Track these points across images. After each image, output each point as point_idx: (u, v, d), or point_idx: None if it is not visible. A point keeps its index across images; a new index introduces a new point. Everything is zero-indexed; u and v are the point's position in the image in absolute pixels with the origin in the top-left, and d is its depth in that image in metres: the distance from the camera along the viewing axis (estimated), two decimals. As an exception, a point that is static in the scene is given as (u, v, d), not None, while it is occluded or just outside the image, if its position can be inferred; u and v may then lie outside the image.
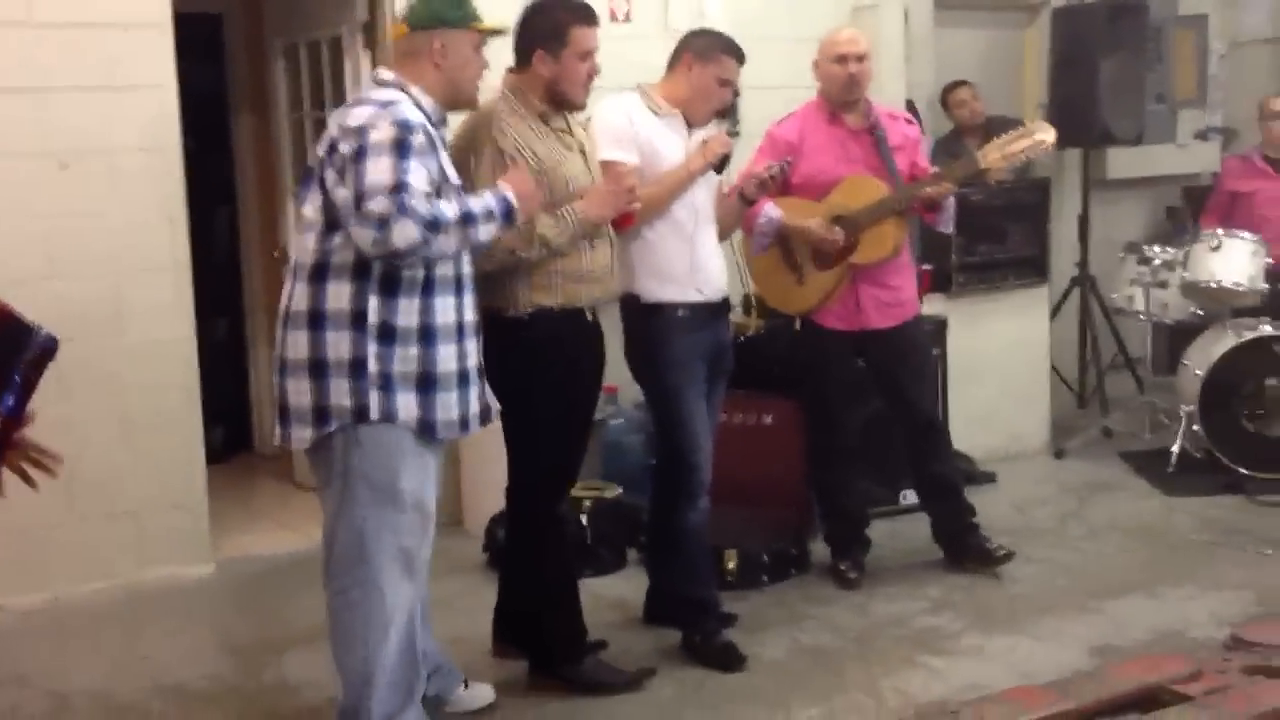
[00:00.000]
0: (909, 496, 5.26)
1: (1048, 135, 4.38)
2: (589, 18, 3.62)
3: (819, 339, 4.53)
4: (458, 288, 3.11)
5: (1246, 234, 5.81)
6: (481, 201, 3.08)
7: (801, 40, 6.17)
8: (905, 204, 4.42)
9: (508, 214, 3.13)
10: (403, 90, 3.09)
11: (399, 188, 2.87)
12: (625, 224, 3.71)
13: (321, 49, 5.60)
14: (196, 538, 4.83)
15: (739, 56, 3.98)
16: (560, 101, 3.62)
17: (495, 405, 3.31)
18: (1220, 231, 5.86)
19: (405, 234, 2.85)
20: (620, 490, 4.97)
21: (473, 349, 3.17)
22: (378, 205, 2.86)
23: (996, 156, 4.40)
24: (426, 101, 3.11)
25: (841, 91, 4.45)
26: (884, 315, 4.50)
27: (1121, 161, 7.28)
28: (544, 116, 3.59)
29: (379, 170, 2.87)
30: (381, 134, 2.91)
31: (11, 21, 4.38)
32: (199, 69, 5.64)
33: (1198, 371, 5.71)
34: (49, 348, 2.37)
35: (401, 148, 2.90)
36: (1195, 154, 7.65)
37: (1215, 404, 5.66)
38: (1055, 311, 6.56)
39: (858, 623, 4.27)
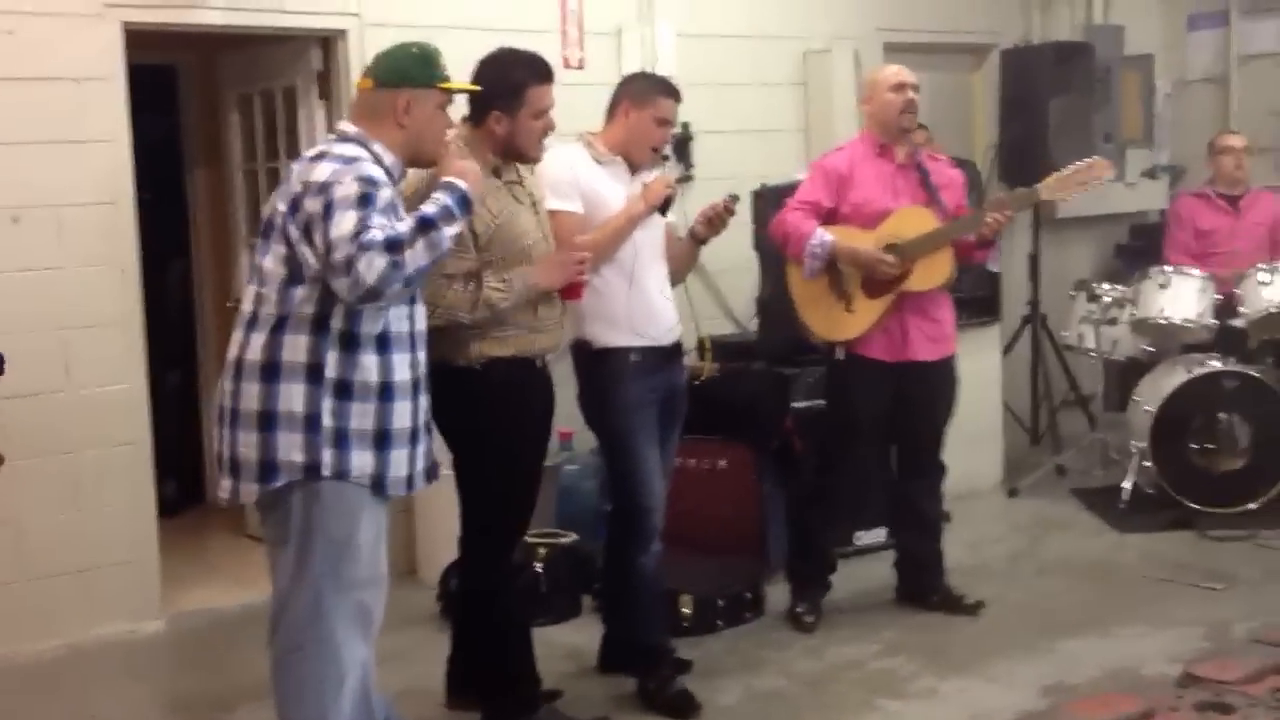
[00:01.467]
0: (862, 538, 5.29)
1: (1106, 171, 4.47)
2: (546, 75, 3.64)
3: (861, 369, 4.53)
4: (412, 343, 3.09)
5: (1195, 271, 5.89)
6: (435, 203, 3.01)
7: (754, 85, 6.29)
8: (963, 234, 4.47)
9: (464, 202, 3.06)
10: (363, 146, 3.04)
11: (359, 233, 2.86)
12: (573, 294, 3.73)
13: (276, 99, 5.61)
14: (146, 593, 4.80)
15: (675, 96, 4.02)
16: (514, 156, 3.65)
17: (439, 462, 3.29)
18: (1168, 268, 5.94)
19: (373, 267, 2.83)
20: (575, 537, 4.96)
21: (424, 405, 3.14)
22: (341, 253, 2.85)
23: (1055, 188, 4.48)
24: (388, 158, 3.06)
25: (899, 118, 4.51)
26: (929, 348, 4.54)
27: (1070, 201, 7.35)
28: (496, 170, 3.61)
29: (344, 223, 2.86)
30: (346, 189, 2.89)
31: (-37, 76, 4.38)
32: (152, 120, 5.64)
33: (1148, 407, 5.78)
34: None
35: (365, 201, 2.88)
36: (1143, 192, 7.75)
37: (1166, 439, 5.71)
38: (1007, 350, 6.63)
39: (813, 667, 4.27)
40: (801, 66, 6.50)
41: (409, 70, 3.11)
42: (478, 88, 3.44)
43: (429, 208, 3.00)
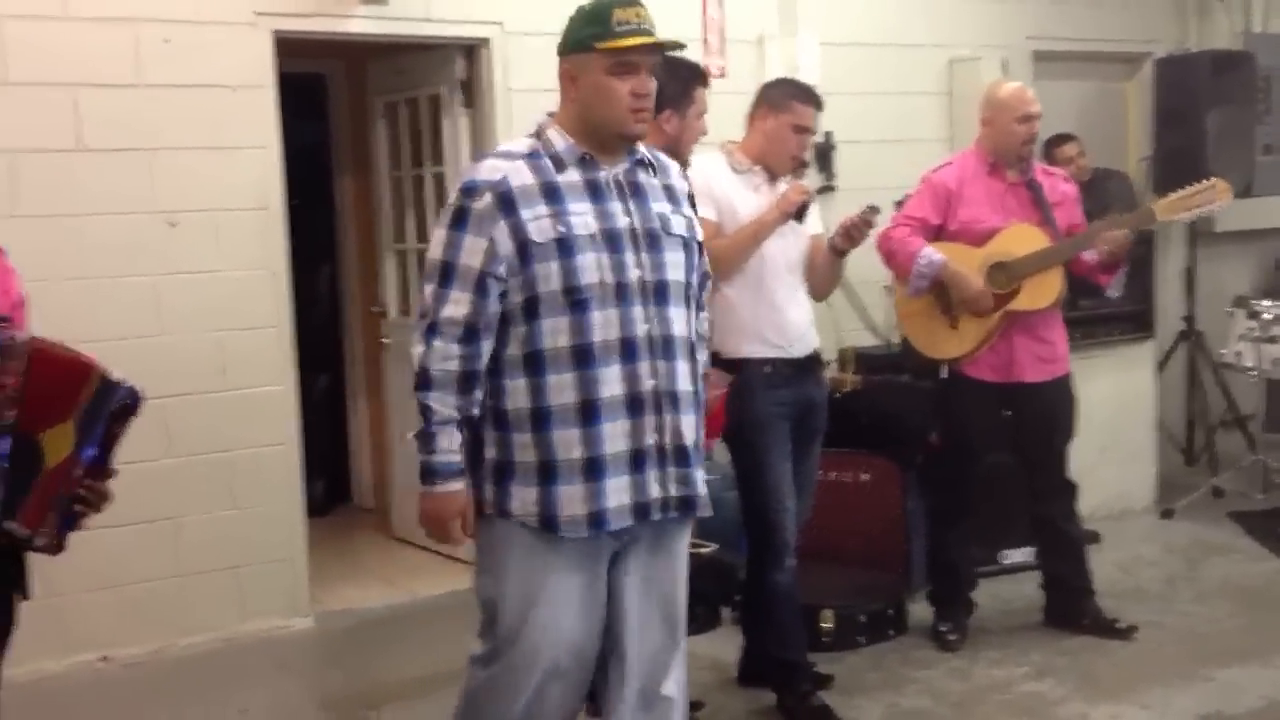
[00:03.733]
0: (1009, 557, 5.16)
1: (1225, 195, 4.28)
2: (707, 79, 3.79)
3: (967, 389, 4.44)
4: (584, 360, 2.60)
5: (1361, 287, 5.65)
6: (440, 439, 2.62)
7: (896, 94, 6.20)
8: (1075, 253, 4.36)
9: (427, 470, 2.65)
10: (539, 133, 2.69)
11: (422, 316, 2.64)
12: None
13: (421, 107, 5.69)
14: (296, 591, 4.89)
15: (815, 103, 3.95)
16: (675, 157, 3.66)
17: (695, 492, 2.73)
18: (1334, 285, 5.70)
19: (415, 355, 2.64)
20: (715, 547, 4.92)
21: (624, 430, 2.62)
22: (420, 310, 2.69)
23: (1172, 210, 4.32)
24: (561, 142, 2.66)
25: (1020, 148, 4.42)
26: (1038, 369, 4.43)
27: (1229, 214, 7.08)
28: None
29: (431, 251, 2.66)
30: (450, 201, 2.66)
31: (123, 84, 4.51)
32: (304, 127, 5.77)
33: (1310, 430, 5.54)
34: (131, 403, 2.44)
35: (457, 219, 2.61)
36: (1305, 206, 7.44)
37: (1328, 463, 5.47)
38: (1162, 367, 6.42)
39: (958, 688, 4.17)
40: (947, 75, 6.39)
41: (572, 32, 2.69)
42: (668, 43, 2.74)
43: (442, 434, 2.62)
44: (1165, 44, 7.07)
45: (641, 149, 2.76)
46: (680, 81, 3.67)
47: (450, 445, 2.62)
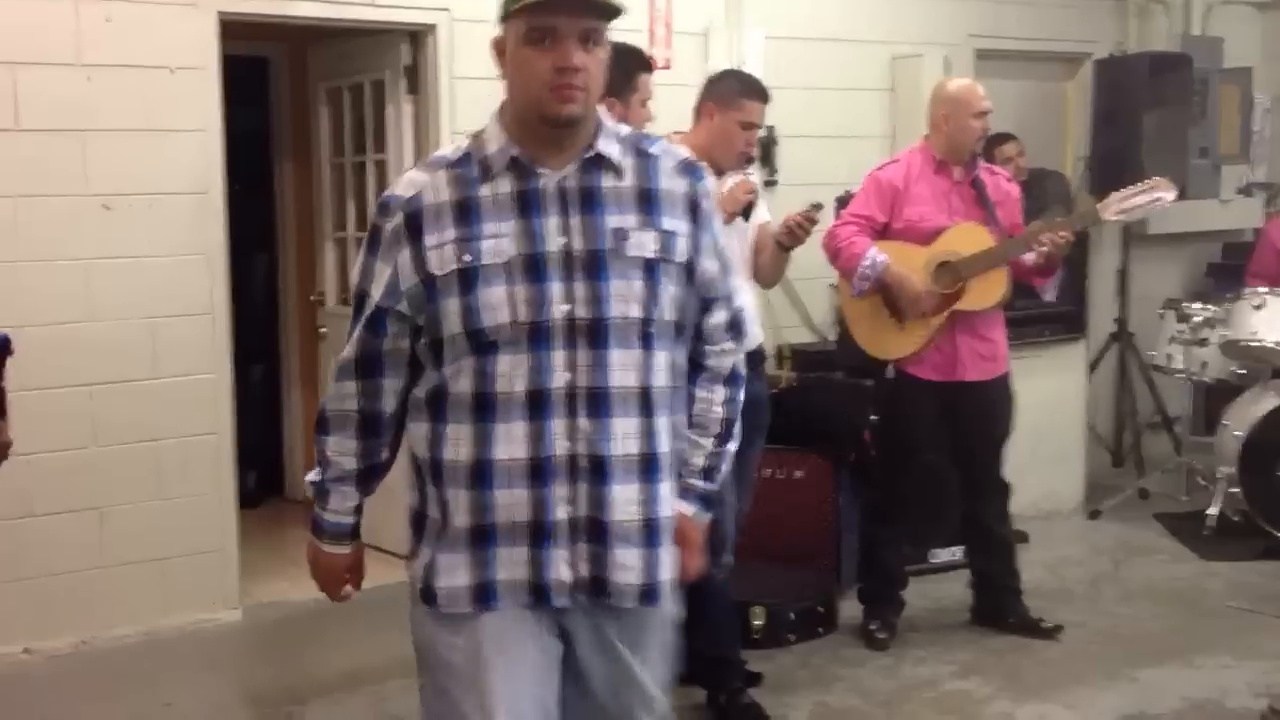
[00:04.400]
0: (938, 556, 5.22)
1: (1169, 194, 4.33)
2: (649, 64, 3.73)
3: (911, 388, 4.47)
4: (483, 412, 2.12)
5: (1292, 293, 5.74)
6: (333, 486, 2.32)
7: (839, 89, 6.22)
8: (1020, 253, 4.39)
9: (316, 525, 2.38)
10: (480, 131, 2.21)
11: (347, 334, 2.28)
12: None
13: (365, 92, 5.64)
14: (225, 583, 4.85)
15: (763, 97, 3.94)
16: None
17: (618, 578, 2.17)
18: (1264, 289, 5.79)
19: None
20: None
21: (523, 499, 2.12)
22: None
23: (1116, 209, 4.36)
24: (495, 141, 2.15)
25: (974, 144, 4.45)
26: (980, 369, 4.46)
27: (1162, 217, 7.19)
28: None
29: (352, 280, 2.31)
30: (370, 218, 2.26)
31: (59, 63, 4.43)
32: (243, 112, 5.69)
33: (1237, 432, 5.64)
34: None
35: (370, 242, 2.21)
36: (1238, 210, 7.56)
37: (1255, 466, 5.57)
38: (1092, 368, 6.51)
39: (886, 685, 4.22)
40: (889, 71, 6.42)
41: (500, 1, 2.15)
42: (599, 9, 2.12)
43: (332, 473, 2.30)
44: (1105, 44, 7.14)
45: (604, 141, 2.17)
46: (622, 67, 3.63)
47: (342, 505, 2.31)
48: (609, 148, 2.18)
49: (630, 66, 3.68)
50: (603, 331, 2.11)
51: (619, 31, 3.87)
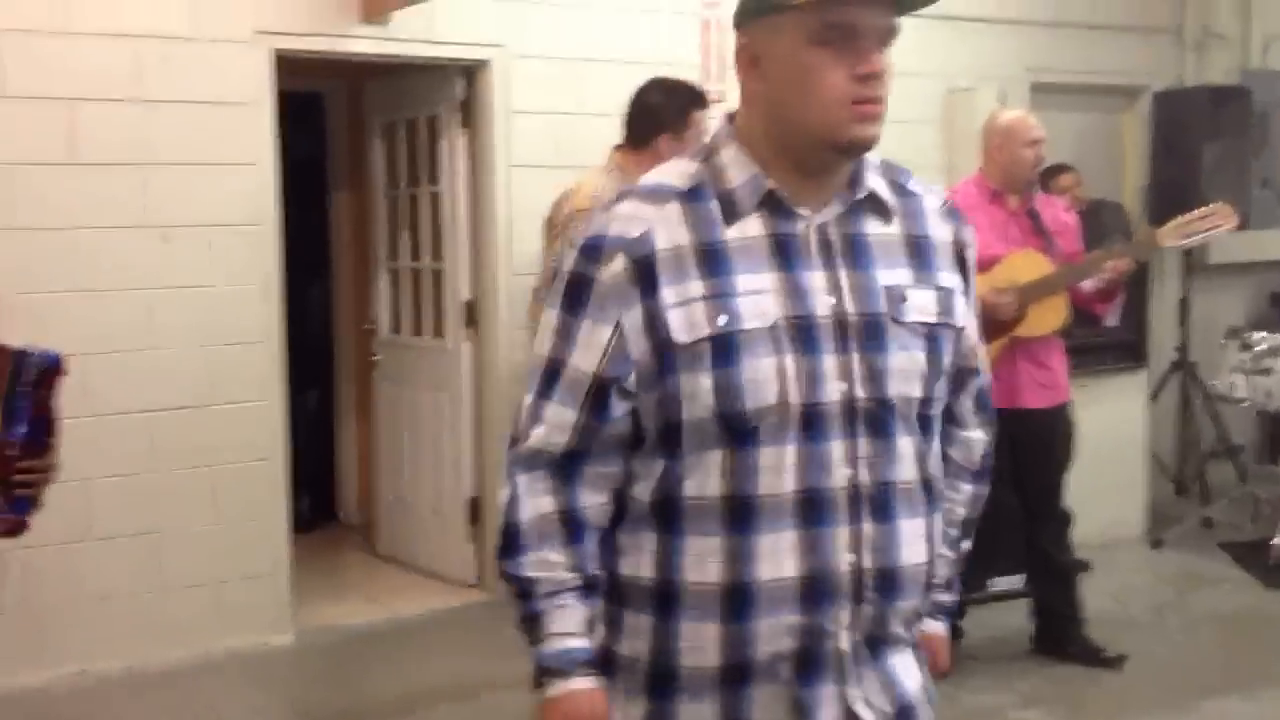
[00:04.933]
0: (997, 584, 5.12)
1: (1229, 220, 4.28)
2: (706, 102, 3.77)
3: None
4: (742, 519, 1.62)
5: (1355, 321, 5.65)
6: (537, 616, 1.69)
7: (893, 122, 6.09)
8: (1079, 279, 4.35)
9: (540, 668, 1.69)
10: (711, 152, 1.70)
11: (529, 415, 1.71)
12: None
13: (420, 127, 5.71)
14: (278, 607, 4.86)
15: None
16: None
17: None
18: (1328, 318, 5.70)
19: (501, 501, 1.73)
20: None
21: (790, 628, 1.64)
22: (511, 430, 1.75)
23: (1174, 236, 4.31)
24: (740, 170, 1.66)
25: (1029, 173, 4.43)
26: (1040, 396, 4.42)
27: (1224, 246, 7.10)
28: None
29: (536, 341, 1.74)
30: (564, 267, 1.71)
31: (121, 98, 4.52)
32: (301, 142, 5.77)
33: (1303, 462, 5.53)
34: (48, 366, 2.28)
35: (572, 295, 1.67)
36: (1301, 240, 7.45)
37: (1321, 495, 5.46)
38: (1154, 396, 6.41)
39: (946, 715, 4.10)
40: (944, 104, 6.39)
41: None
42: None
43: (553, 608, 1.68)
44: (1163, 78, 7.08)
45: (873, 176, 1.71)
46: (677, 103, 3.67)
47: (569, 625, 1.67)
48: (878, 184, 1.71)
49: (685, 103, 3.71)
50: (886, 415, 1.65)
51: (671, 67, 3.95)
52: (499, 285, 5.30)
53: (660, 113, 3.65)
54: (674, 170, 1.71)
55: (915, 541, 1.68)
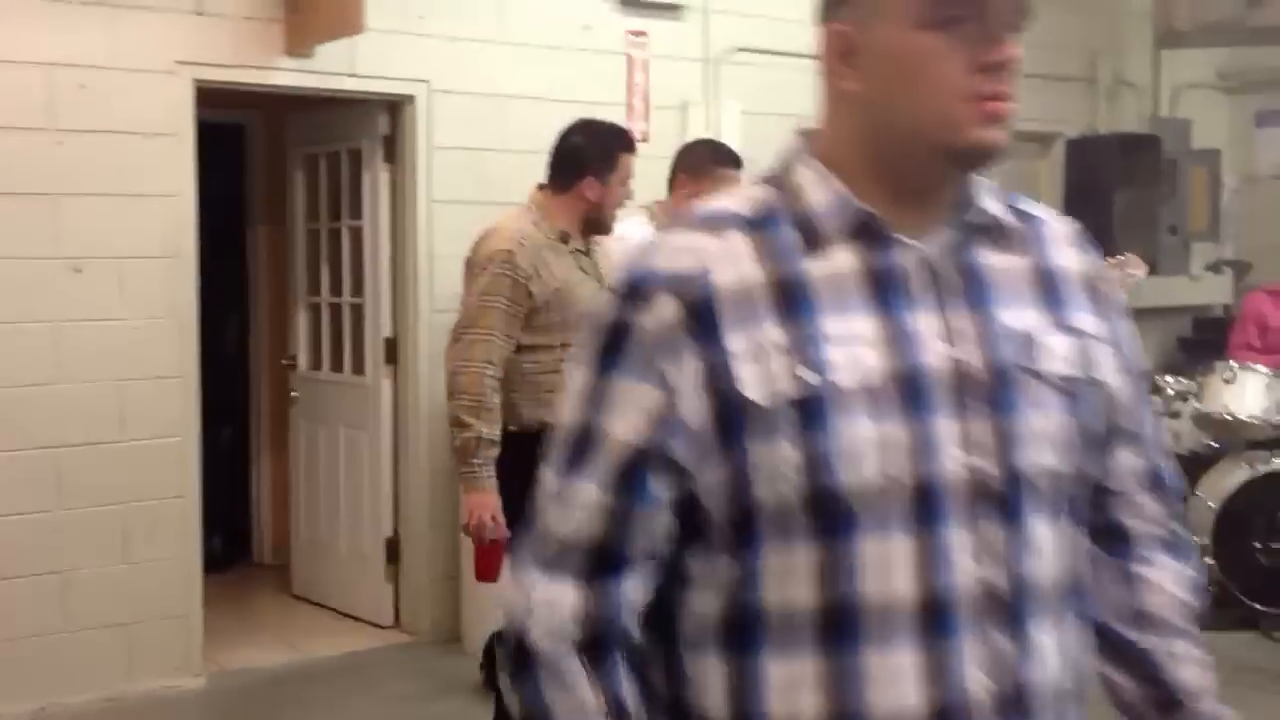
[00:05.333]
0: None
1: (1139, 270, 4.35)
2: (633, 144, 3.73)
3: None
4: (844, 633, 1.23)
5: (1261, 367, 5.78)
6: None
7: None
8: None
9: None
10: (783, 172, 1.33)
11: (551, 499, 1.31)
12: (483, 575, 3.66)
13: (341, 160, 5.66)
14: (189, 649, 4.75)
15: (734, 163, 3.96)
16: (595, 224, 3.67)
17: None
18: (1234, 364, 5.83)
19: (507, 609, 1.32)
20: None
21: None
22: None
23: None
24: (823, 189, 1.30)
25: None
26: None
27: (1135, 291, 7.27)
28: (564, 237, 3.61)
29: (561, 412, 1.34)
30: (598, 311, 1.33)
31: (32, 127, 4.42)
32: (217, 175, 5.69)
33: (1210, 504, 5.62)
34: None
35: (608, 346, 1.29)
36: (1208, 286, 7.66)
37: (1229, 537, 5.55)
38: (1067, 440, 6.51)
39: None
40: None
41: None
42: None
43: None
44: (1076, 124, 7.25)
45: (987, 195, 1.35)
46: (603, 145, 3.65)
47: None
48: (994, 205, 1.36)
49: (612, 145, 3.68)
50: (1019, 493, 1.27)
51: (595, 106, 3.95)
52: (420, 321, 5.26)
53: (584, 154, 3.63)
54: (736, 195, 1.35)
55: (1062, 656, 1.29)
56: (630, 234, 3.88)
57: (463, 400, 3.41)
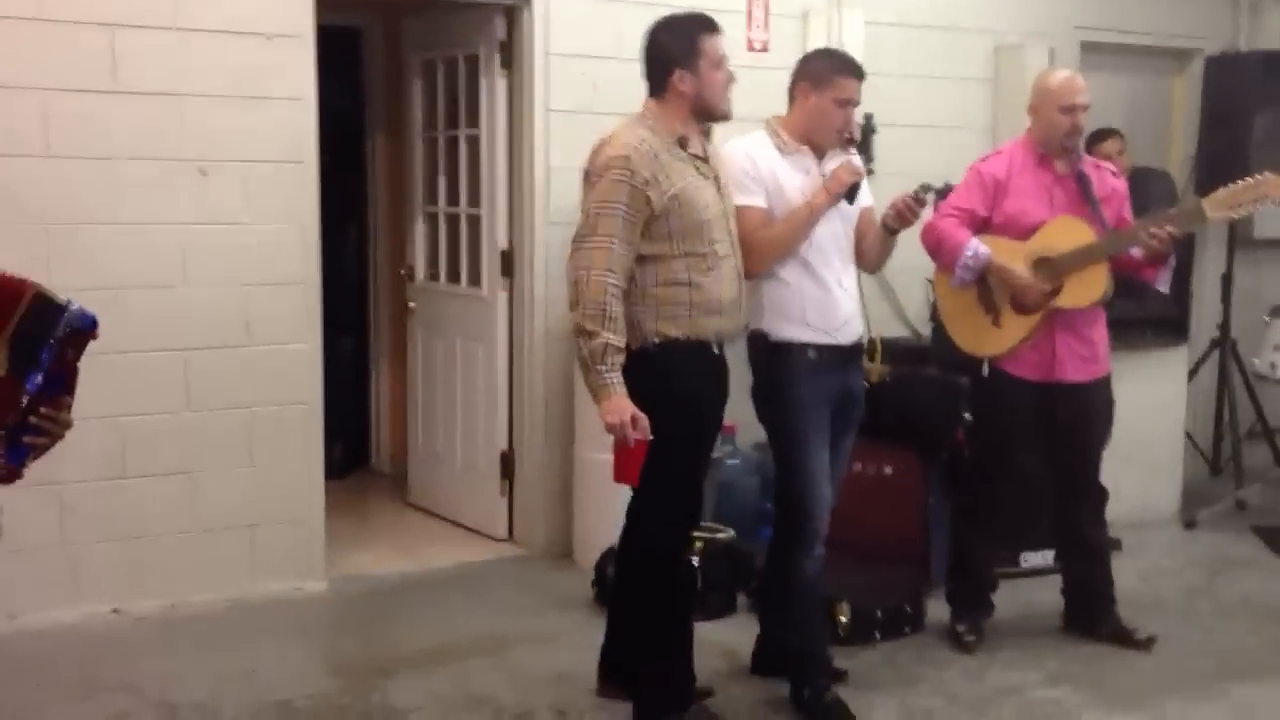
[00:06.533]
0: (1029, 560, 5.11)
1: (1277, 191, 4.15)
2: (714, 25, 3.61)
3: (1006, 386, 4.36)
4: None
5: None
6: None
7: (939, 78, 6.10)
8: (1120, 250, 4.24)
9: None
10: None
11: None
12: (622, 476, 3.46)
13: (459, 66, 5.61)
14: (311, 554, 4.85)
15: (856, 73, 3.83)
16: (707, 115, 3.60)
17: None
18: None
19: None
20: (733, 533, 4.87)
21: None
22: None
23: (1222, 207, 4.15)
24: None
25: (1063, 139, 4.29)
26: (1079, 369, 4.34)
27: (1270, 220, 6.98)
28: (682, 142, 3.55)
29: None
30: None
31: (156, 26, 4.42)
32: (336, 84, 5.67)
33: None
34: (81, 326, 2.24)
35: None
36: (1347, 216, 7.33)
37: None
38: (1192, 374, 6.33)
39: (973, 690, 4.12)
40: (992, 61, 6.28)
41: None
42: None
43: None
44: (1215, 41, 6.95)
45: None
46: (682, 34, 3.55)
47: None
48: None
49: (692, 31, 3.56)
50: None
51: (716, 13, 3.85)
52: (536, 234, 5.23)
53: (668, 50, 3.54)
54: None
55: None
56: (750, 149, 3.81)
57: (587, 309, 3.38)
